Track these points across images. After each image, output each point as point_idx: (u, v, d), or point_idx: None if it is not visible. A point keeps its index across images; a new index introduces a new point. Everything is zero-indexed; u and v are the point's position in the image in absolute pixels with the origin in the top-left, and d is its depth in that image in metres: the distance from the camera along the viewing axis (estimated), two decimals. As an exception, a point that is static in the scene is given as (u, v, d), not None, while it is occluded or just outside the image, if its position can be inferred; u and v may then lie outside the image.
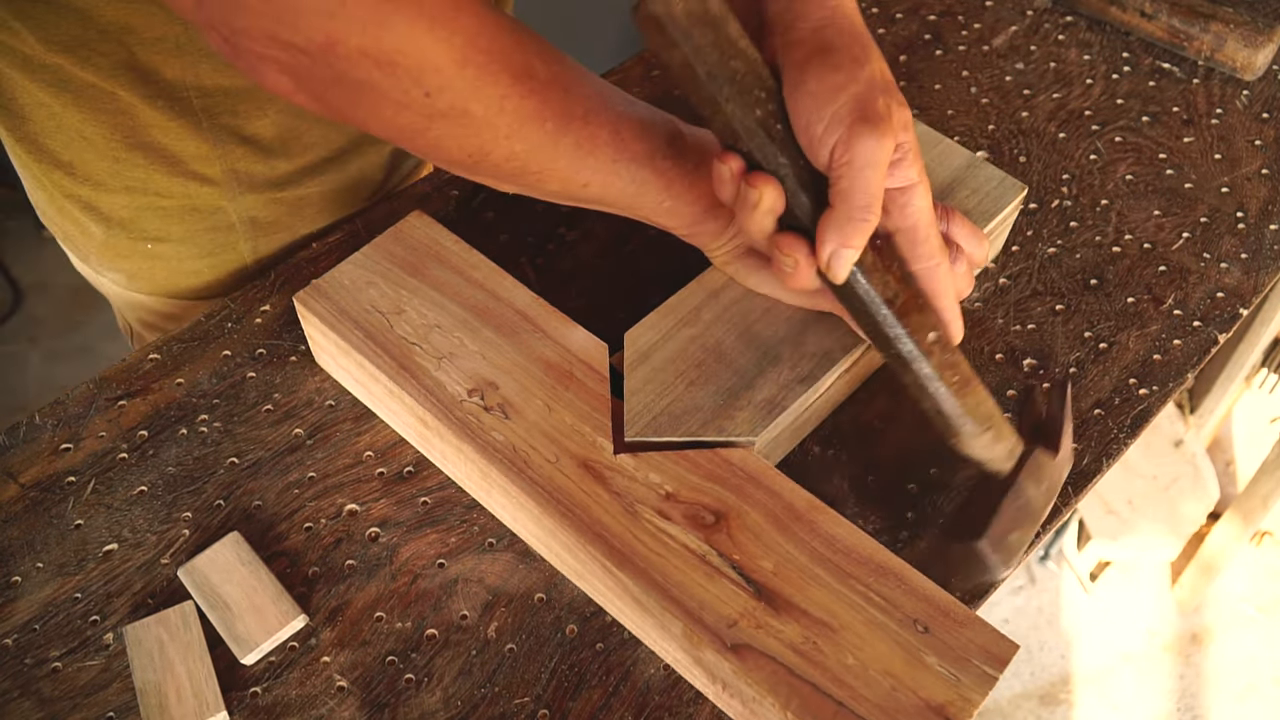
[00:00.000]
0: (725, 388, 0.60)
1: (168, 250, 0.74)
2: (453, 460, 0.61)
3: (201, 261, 0.75)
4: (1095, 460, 0.65)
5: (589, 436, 0.58)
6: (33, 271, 2.06)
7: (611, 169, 0.55)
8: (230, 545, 0.59)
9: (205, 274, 0.76)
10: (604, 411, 0.59)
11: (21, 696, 0.55)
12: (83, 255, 0.77)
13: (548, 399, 0.59)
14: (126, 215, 0.71)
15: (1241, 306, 0.73)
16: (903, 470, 0.65)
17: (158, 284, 0.76)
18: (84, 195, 0.71)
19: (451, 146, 0.51)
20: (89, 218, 0.72)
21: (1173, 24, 0.87)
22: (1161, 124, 0.84)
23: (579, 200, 0.57)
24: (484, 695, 0.56)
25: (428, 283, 0.63)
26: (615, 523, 0.55)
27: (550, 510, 0.55)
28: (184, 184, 0.70)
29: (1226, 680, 1.62)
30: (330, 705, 0.55)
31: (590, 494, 0.56)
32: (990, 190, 0.69)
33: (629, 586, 0.54)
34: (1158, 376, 0.69)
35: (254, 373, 0.68)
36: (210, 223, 0.72)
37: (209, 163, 0.69)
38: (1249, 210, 0.78)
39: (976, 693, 0.50)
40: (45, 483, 0.63)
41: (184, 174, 0.69)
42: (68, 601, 0.58)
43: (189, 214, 0.72)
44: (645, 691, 0.56)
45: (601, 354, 0.61)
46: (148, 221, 0.72)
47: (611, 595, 0.57)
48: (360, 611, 0.59)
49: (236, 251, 0.75)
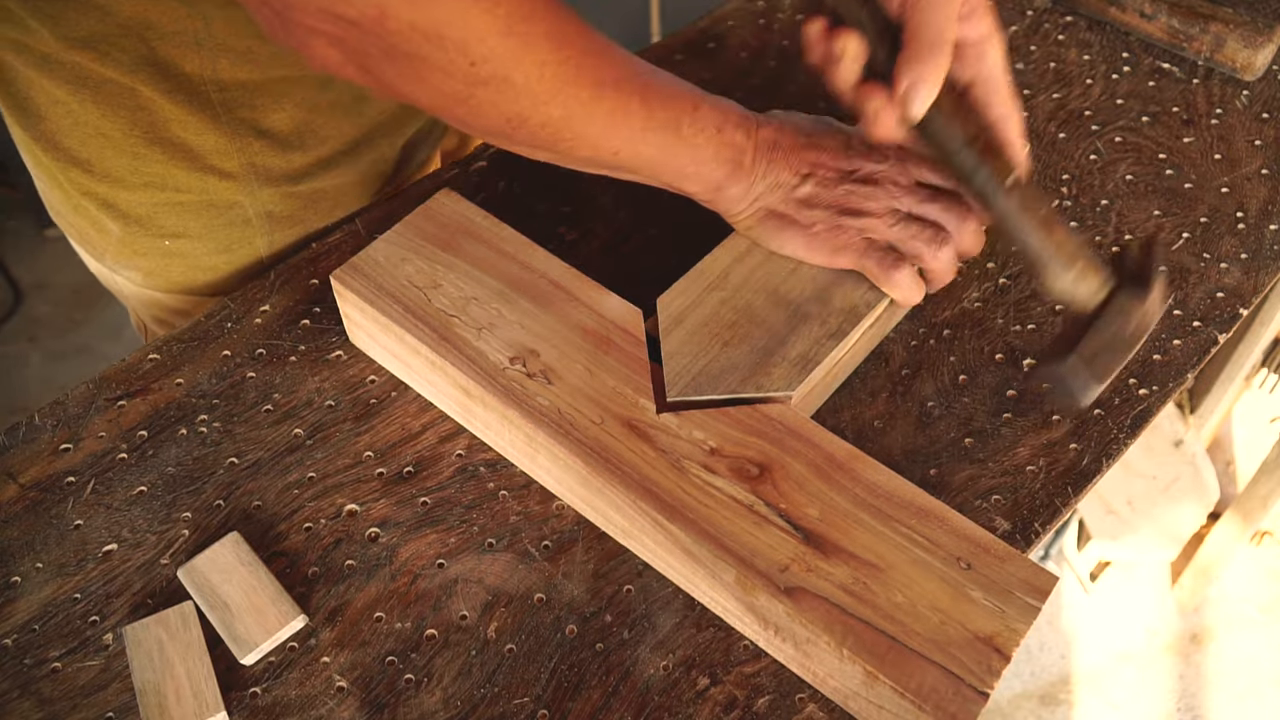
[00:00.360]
0: (759, 346, 0.62)
1: (185, 246, 0.74)
2: (496, 428, 0.62)
3: (218, 257, 0.75)
4: (1095, 460, 0.65)
5: (631, 398, 0.59)
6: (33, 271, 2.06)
7: (641, 136, 0.57)
8: (230, 545, 0.59)
9: (221, 269, 0.76)
10: (644, 374, 0.60)
11: (21, 697, 0.55)
12: (98, 254, 0.77)
13: (588, 364, 0.61)
14: (144, 212, 0.72)
15: (1241, 306, 0.73)
16: (903, 470, 0.65)
17: (174, 281, 0.77)
18: (102, 192, 0.71)
19: (491, 113, 0.52)
20: (106, 215, 0.73)
21: (1172, 24, 0.87)
22: (1161, 124, 0.84)
23: (607, 167, 0.59)
24: (484, 695, 0.56)
25: (461, 257, 0.65)
26: (664, 478, 0.57)
27: (598, 469, 0.57)
28: (202, 179, 0.70)
29: (1227, 680, 1.62)
30: (330, 705, 0.55)
31: (637, 452, 0.57)
32: None
33: (680, 538, 0.55)
34: (1158, 376, 0.69)
35: (254, 373, 0.68)
36: (227, 218, 0.73)
37: (227, 157, 0.69)
38: (1249, 210, 0.78)
39: (1021, 623, 0.52)
40: (45, 483, 0.63)
41: (203, 169, 0.70)
42: (67, 602, 0.58)
43: (207, 209, 0.72)
44: (645, 691, 0.56)
45: (637, 319, 0.63)
46: (166, 218, 0.72)
47: (662, 551, 0.58)
48: (360, 612, 0.59)
49: (253, 246, 0.75)
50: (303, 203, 0.74)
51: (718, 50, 0.89)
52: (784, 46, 0.89)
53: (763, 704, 0.56)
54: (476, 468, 0.64)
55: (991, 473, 0.64)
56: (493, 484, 0.63)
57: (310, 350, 0.69)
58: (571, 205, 0.77)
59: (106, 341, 1.96)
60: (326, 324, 0.70)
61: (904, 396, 0.68)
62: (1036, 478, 0.64)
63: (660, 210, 0.77)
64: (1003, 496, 0.63)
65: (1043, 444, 0.66)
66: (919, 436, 0.66)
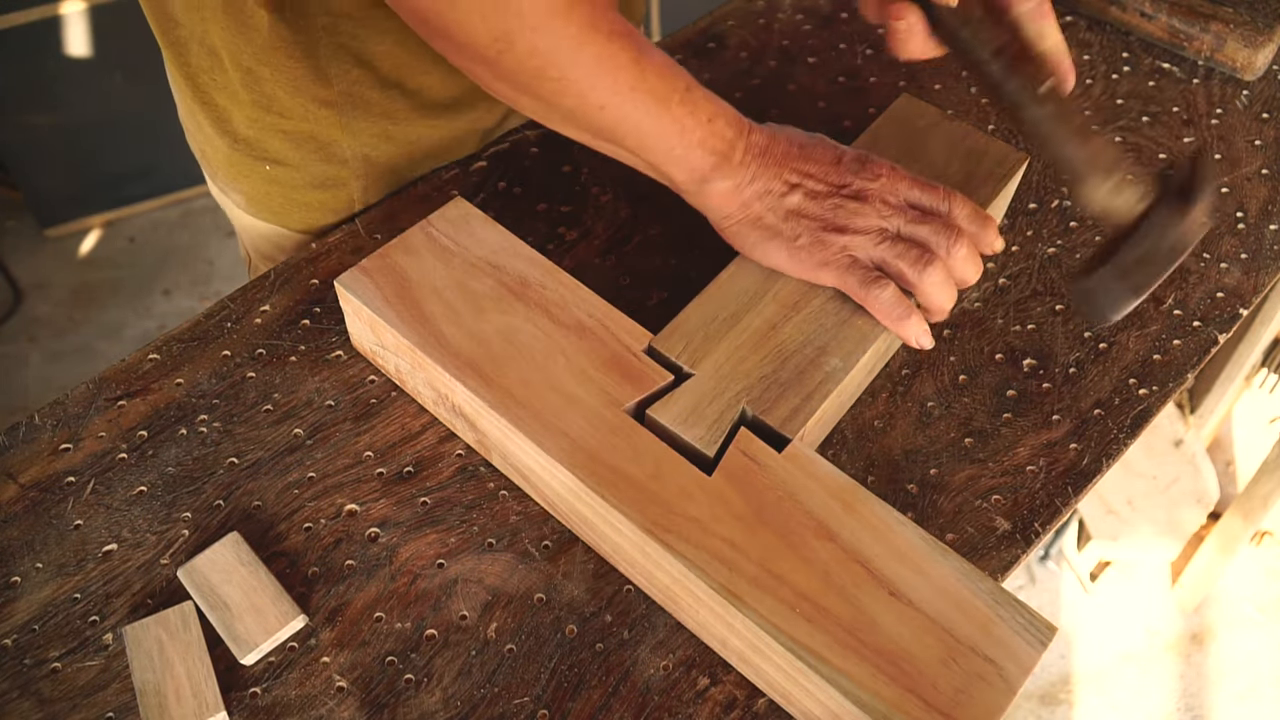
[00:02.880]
0: (775, 377, 0.61)
1: (284, 174, 0.76)
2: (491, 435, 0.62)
3: (314, 193, 0.77)
4: (1095, 460, 0.65)
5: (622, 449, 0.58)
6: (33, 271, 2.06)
7: (630, 96, 0.56)
8: (230, 545, 0.59)
9: (315, 209, 0.78)
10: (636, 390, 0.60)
11: (21, 697, 0.55)
12: (211, 171, 0.80)
13: (572, 361, 0.61)
14: (250, 133, 0.74)
15: (1241, 306, 0.73)
16: (903, 470, 0.65)
17: (273, 209, 0.78)
18: (217, 105, 0.73)
19: (478, 26, 0.52)
20: (217, 131, 0.75)
21: (1173, 24, 0.87)
22: (1161, 124, 0.84)
23: (593, 129, 0.59)
24: (484, 695, 0.56)
25: (464, 263, 0.65)
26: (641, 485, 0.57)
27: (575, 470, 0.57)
28: (304, 105, 0.71)
29: (1227, 680, 1.62)
30: (330, 705, 0.55)
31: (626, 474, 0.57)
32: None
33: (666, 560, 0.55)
34: (1158, 376, 0.69)
35: (254, 373, 0.68)
36: (326, 153, 0.74)
37: (326, 83, 0.71)
38: (1249, 210, 0.78)
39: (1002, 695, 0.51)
40: (45, 483, 0.63)
41: (305, 95, 0.71)
42: (67, 602, 0.58)
43: (307, 140, 0.74)
44: (645, 691, 0.56)
45: (642, 337, 0.62)
46: (269, 141, 0.74)
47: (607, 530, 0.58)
48: (360, 612, 0.58)
49: (347, 190, 0.76)
50: (398, 149, 0.76)
51: (718, 50, 0.89)
52: (784, 46, 0.89)
53: (762, 704, 0.56)
54: (476, 468, 0.64)
55: (991, 473, 0.64)
56: (493, 484, 0.63)
57: (310, 350, 0.69)
58: (571, 205, 0.77)
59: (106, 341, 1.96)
60: (326, 324, 0.70)
61: (904, 396, 0.68)
62: (1036, 478, 0.64)
63: (660, 210, 0.77)
64: (1003, 496, 0.63)
65: (1043, 444, 0.66)
66: (919, 436, 0.66)
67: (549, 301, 0.63)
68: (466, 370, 0.60)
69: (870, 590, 0.53)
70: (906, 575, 0.54)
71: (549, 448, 0.57)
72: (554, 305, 0.63)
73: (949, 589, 0.53)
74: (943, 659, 0.51)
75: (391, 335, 0.62)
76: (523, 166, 0.79)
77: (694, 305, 0.63)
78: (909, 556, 0.54)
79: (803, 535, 0.55)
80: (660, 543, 0.54)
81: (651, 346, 0.61)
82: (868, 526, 0.55)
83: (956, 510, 0.63)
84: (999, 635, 0.52)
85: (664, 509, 0.55)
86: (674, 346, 0.61)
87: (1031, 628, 0.52)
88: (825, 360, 0.61)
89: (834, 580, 0.53)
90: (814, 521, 0.55)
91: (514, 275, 0.64)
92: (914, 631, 0.52)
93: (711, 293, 0.64)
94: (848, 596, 0.53)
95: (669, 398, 0.59)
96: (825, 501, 0.56)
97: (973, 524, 0.62)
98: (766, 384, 0.60)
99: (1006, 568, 0.61)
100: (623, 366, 0.60)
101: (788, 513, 0.55)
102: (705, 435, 0.58)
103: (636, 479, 0.56)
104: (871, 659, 0.51)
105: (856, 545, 0.55)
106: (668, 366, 0.61)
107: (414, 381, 0.65)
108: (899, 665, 0.51)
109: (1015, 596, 0.53)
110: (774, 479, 0.57)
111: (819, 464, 0.57)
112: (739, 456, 0.57)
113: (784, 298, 0.64)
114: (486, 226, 0.66)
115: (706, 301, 0.63)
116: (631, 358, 0.61)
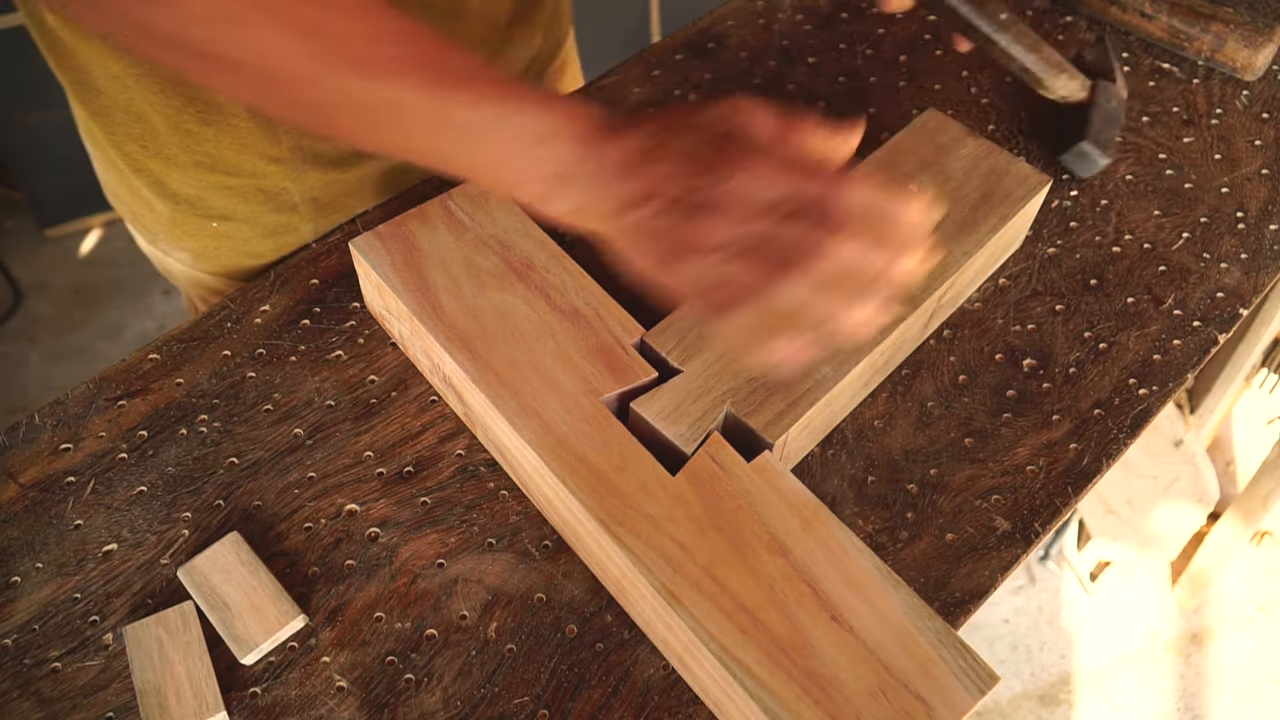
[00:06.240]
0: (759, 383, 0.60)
1: (232, 229, 0.75)
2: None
3: (265, 242, 0.76)
4: (1095, 460, 0.65)
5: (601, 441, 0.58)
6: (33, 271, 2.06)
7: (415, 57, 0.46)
8: (230, 545, 0.59)
9: (269, 255, 0.77)
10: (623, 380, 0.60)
11: (21, 697, 0.55)
12: (150, 235, 0.79)
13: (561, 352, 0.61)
14: (194, 192, 0.73)
15: (1241, 306, 0.73)
16: (903, 470, 0.65)
17: (222, 263, 0.78)
18: (154, 170, 0.72)
19: None
20: (157, 195, 0.74)
21: (1173, 24, 0.87)
22: (1161, 124, 0.84)
23: (387, 133, 0.48)
24: (484, 695, 0.56)
25: (475, 239, 0.65)
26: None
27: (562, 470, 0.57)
28: (252, 162, 0.71)
29: (1227, 680, 1.62)
30: (330, 705, 0.55)
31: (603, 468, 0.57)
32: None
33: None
34: (1158, 376, 0.69)
35: (254, 373, 0.68)
36: (275, 203, 0.74)
37: (275, 141, 0.70)
38: (1249, 210, 0.78)
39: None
40: (45, 483, 0.63)
41: (252, 152, 0.70)
42: (67, 602, 0.58)
43: (254, 193, 0.73)
44: (645, 691, 0.56)
45: (634, 330, 0.62)
46: (214, 199, 0.73)
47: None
48: (360, 612, 0.58)
49: (298, 232, 0.76)
50: (348, 188, 0.75)
51: (718, 50, 0.89)
52: (784, 46, 0.89)
53: (763, 704, 0.56)
54: (476, 467, 0.64)
55: (991, 473, 0.64)
56: (493, 484, 0.63)
57: (310, 350, 0.69)
58: (571, 205, 0.77)
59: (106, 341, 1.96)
60: (326, 324, 0.70)
61: (904, 396, 0.68)
62: (1036, 478, 0.64)
63: (660, 210, 0.77)
64: (1003, 496, 0.63)
65: (1043, 444, 0.66)
66: (919, 436, 0.66)
67: (549, 285, 0.64)
68: (457, 342, 0.61)
69: (812, 611, 0.53)
70: (852, 602, 0.53)
71: (520, 427, 0.57)
72: (553, 289, 0.63)
73: (893, 621, 0.52)
74: (873, 691, 0.50)
75: (394, 301, 0.63)
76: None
77: (689, 305, 0.63)
78: (859, 583, 0.54)
79: (754, 546, 0.54)
80: (611, 535, 0.54)
81: (644, 341, 0.62)
82: (823, 547, 0.55)
83: (956, 510, 0.63)
84: (936, 675, 0.51)
85: (622, 502, 0.55)
86: (666, 343, 0.61)
87: (972, 673, 0.51)
88: (816, 368, 0.61)
89: (777, 596, 0.53)
90: (768, 534, 0.55)
91: (520, 256, 0.65)
92: (849, 659, 0.51)
93: None
94: (788, 614, 0.52)
95: (654, 393, 0.59)
96: (784, 516, 0.56)
97: (973, 524, 0.62)
98: (754, 386, 0.60)
99: (1006, 568, 0.61)
100: (609, 357, 0.61)
101: (743, 522, 0.55)
102: (686, 433, 0.58)
103: (600, 469, 0.56)
104: (800, 680, 0.50)
105: (808, 564, 0.54)
106: (657, 362, 0.61)
107: (414, 349, 0.66)
108: (827, 691, 0.50)
109: (962, 640, 0.52)
110: (736, 487, 0.56)
111: (785, 479, 0.57)
112: (706, 460, 0.57)
113: None
114: (504, 207, 0.67)
115: None
116: (620, 350, 0.61)
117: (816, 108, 0.85)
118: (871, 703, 0.50)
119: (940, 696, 0.50)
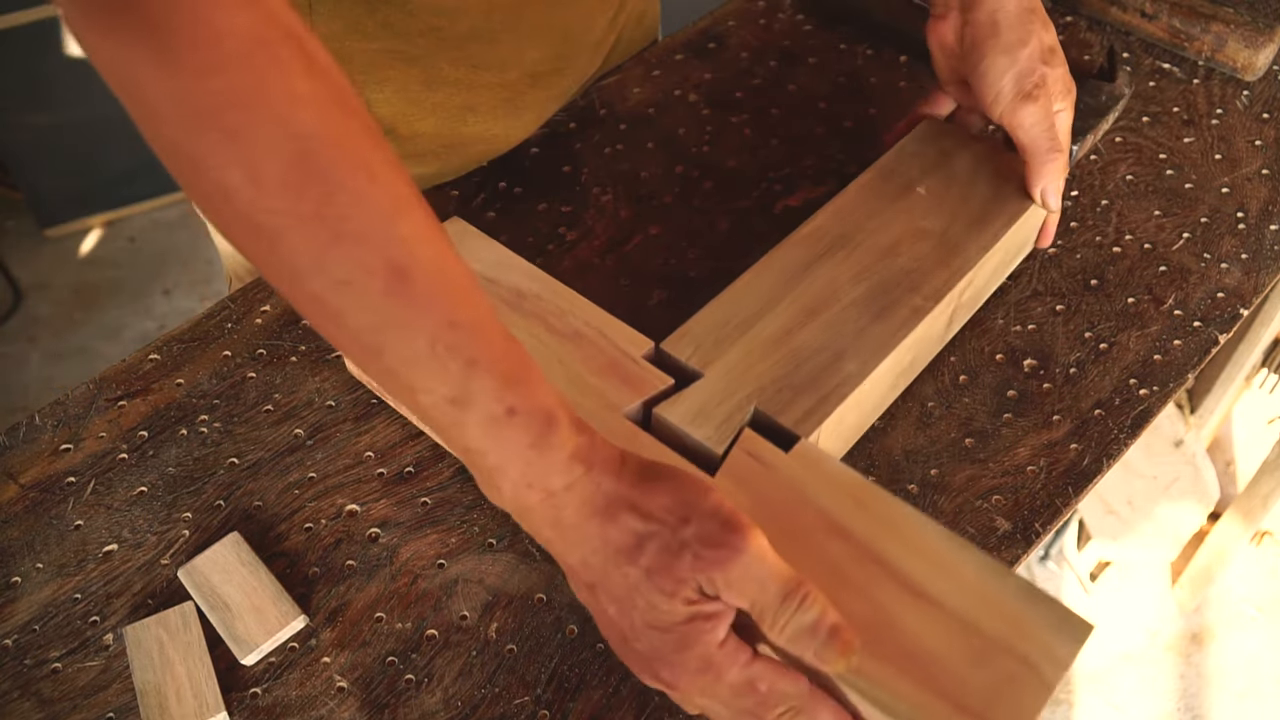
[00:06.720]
0: (790, 379, 0.59)
1: None
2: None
3: None
4: (1095, 460, 0.65)
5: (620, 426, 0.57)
6: (33, 271, 2.06)
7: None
8: (230, 546, 0.59)
9: None
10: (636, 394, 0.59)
11: (21, 697, 0.55)
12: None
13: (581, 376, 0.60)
14: None
15: (1242, 307, 0.73)
16: (903, 470, 0.65)
17: None
18: None
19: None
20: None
21: (1173, 24, 0.87)
22: (1162, 124, 0.84)
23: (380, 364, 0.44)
24: (484, 696, 0.56)
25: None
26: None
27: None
28: None
29: (1227, 680, 1.62)
30: (330, 706, 0.55)
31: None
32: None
33: None
34: (1158, 377, 0.69)
35: (254, 373, 0.68)
36: None
37: None
38: (1249, 210, 0.78)
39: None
40: (45, 483, 0.63)
41: None
42: (67, 602, 0.58)
43: None
44: (646, 691, 0.56)
45: (640, 342, 0.62)
46: None
47: None
48: (360, 612, 0.58)
49: None
50: None
51: (718, 50, 0.89)
52: (784, 46, 0.89)
53: (763, 704, 0.56)
54: (477, 468, 0.64)
55: (992, 473, 0.64)
56: (493, 484, 0.63)
57: (311, 350, 0.69)
58: (572, 205, 0.77)
59: (106, 341, 1.96)
60: (327, 324, 0.70)
61: (904, 396, 0.68)
62: (1037, 478, 0.64)
63: (660, 210, 0.77)
64: (1003, 497, 0.63)
65: (1043, 444, 0.66)
66: (919, 436, 0.66)
67: (545, 312, 0.63)
68: None
69: (888, 588, 0.51)
70: (927, 571, 0.51)
71: None
72: (550, 315, 0.63)
73: (973, 585, 0.51)
74: (971, 659, 0.49)
75: None
76: (523, 166, 0.79)
77: (705, 311, 0.62)
78: (929, 552, 0.52)
79: (813, 534, 0.53)
80: None
81: (659, 349, 0.61)
82: (883, 522, 0.53)
83: (957, 511, 0.63)
84: (1031, 631, 0.50)
85: None
86: (684, 349, 0.61)
87: (1065, 624, 0.50)
88: (842, 365, 0.60)
89: (849, 579, 0.51)
90: (825, 520, 0.53)
91: (509, 288, 0.64)
92: (939, 631, 0.50)
93: (723, 299, 0.63)
94: (865, 595, 0.51)
95: (677, 397, 0.59)
96: (836, 498, 0.54)
97: (973, 524, 0.62)
98: (779, 386, 0.59)
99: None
100: (621, 372, 0.60)
101: (796, 512, 0.54)
102: (714, 434, 0.57)
103: None
104: (894, 659, 0.49)
105: (872, 541, 0.52)
106: (676, 369, 0.61)
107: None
108: (924, 666, 0.49)
109: (1046, 593, 0.51)
110: (780, 478, 0.55)
111: (828, 461, 0.56)
112: (743, 457, 0.56)
113: (799, 304, 0.63)
114: (482, 243, 0.66)
115: (718, 307, 0.62)
116: (630, 363, 0.60)
117: (817, 108, 0.85)
118: (973, 670, 0.48)
119: (1042, 653, 0.49)
